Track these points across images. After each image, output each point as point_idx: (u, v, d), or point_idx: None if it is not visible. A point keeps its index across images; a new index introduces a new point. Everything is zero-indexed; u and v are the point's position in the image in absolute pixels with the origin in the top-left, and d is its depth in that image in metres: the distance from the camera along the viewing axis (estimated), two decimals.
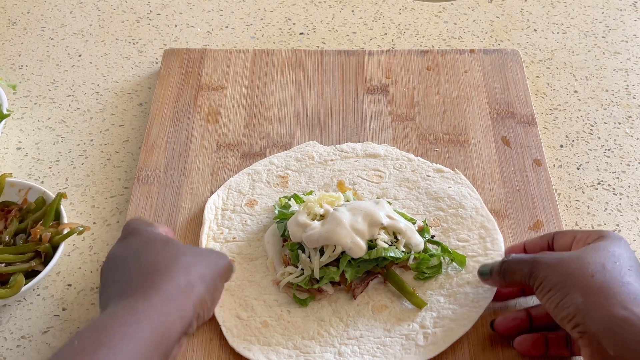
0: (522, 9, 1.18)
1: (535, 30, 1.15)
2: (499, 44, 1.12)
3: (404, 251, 0.80)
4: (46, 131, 1.01)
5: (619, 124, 1.01)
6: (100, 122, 1.02)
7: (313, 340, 0.77)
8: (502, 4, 1.19)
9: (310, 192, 0.88)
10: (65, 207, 0.89)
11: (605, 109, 1.03)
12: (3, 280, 0.80)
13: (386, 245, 0.79)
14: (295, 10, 1.18)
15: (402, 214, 0.84)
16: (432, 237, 0.84)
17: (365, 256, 0.78)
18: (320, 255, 0.79)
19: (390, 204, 0.84)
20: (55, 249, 0.83)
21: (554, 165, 0.96)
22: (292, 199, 0.87)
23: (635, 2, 1.19)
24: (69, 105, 1.05)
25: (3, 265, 0.80)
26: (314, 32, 1.14)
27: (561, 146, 0.99)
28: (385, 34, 1.14)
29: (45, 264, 0.82)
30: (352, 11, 1.18)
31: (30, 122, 1.02)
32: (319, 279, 0.79)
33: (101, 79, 1.08)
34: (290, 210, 0.85)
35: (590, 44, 1.12)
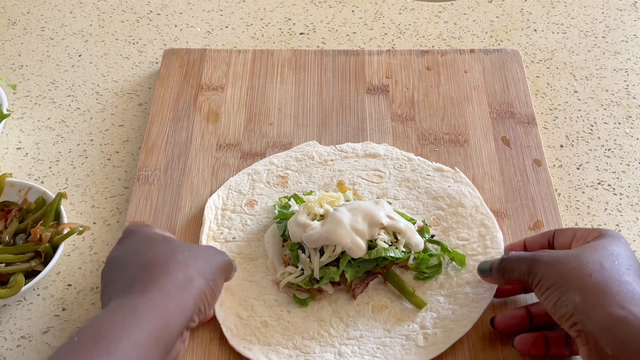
0: (522, 9, 1.18)
1: (535, 30, 1.14)
2: (499, 44, 1.12)
3: (404, 251, 0.80)
4: (46, 131, 1.01)
5: (619, 124, 1.01)
6: (100, 122, 1.02)
7: (313, 340, 0.77)
8: (502, 4, 1.19)
9: (310, 192, 0.88)
10: (65, 207, 0.89)
11: (605, 109, 1.03)
12: (3, 280, 0.80)
13: (386, 245, 0.79)
14: (295, 10, 1.18)
15: (402, 214, 0.84)
16: (432, 236, 0.84)
17: (365, 256, 0.78)
18: (320, 255, 0.79)
19: (390, 204, 0.84)
20: (55, 249, 0.83)
21: (554, 165, 0.96)
22: (292, 199, 0.87)
23: (636, 2, 1.19)
24: (69, 105, 1.05)
25: (3, 265, 0.80)
26: (314, 32, 1.14)
27: (561, 146, 0.99)
28: (385, 34, 1.14)
29: (45, 264, 0.82)
30: (352, 11, 1.18)
31: (30, 122, 1.02)
32: (319, 279, 0.79)
33: (101, 79, 1.08)
34: (290, 210, 0.85)
35: (590, 44, 1.12)
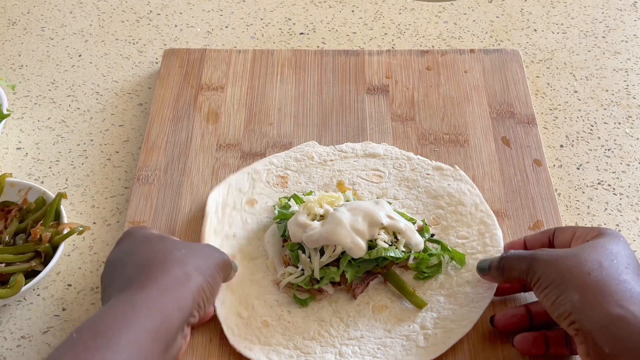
0: (522, 9, 1.18)
1: (535, 30, 1.14)
2: (499, 44, 1.12)
3: (404, 251, 0.80)
4: (46, 131, 1.01)
5: (619, 124, 1.01)
6: (100, 122, 1.02)
7: (314, 341, 0.77)
8: (502, 4, 1.19)
9: (310, 193, 0.88)
10: (65, 207, 0.89)
11: (605, 109, 1.03)
12: (3, 280, 0.80)
13: (386, 245, 0.79)
14: (295, 10, 1.18)
15: (402, 214, 0.84)
16: (432, 235, 0.84)
17: (366, 256, 0.78)
18: (321, 256, 0.79)
19: (390, 203, 0.84)
20: (55, 249, 0.83)
21: (554, 165, 0.96)
22: (291, 199, 0.87)
23: (636, 2, 1.19)
24: (69, 105, 1.05)
25: (3, 265, 0.80)
26: (314, 32, 1.14)
27: (561, 146, 0.99)
28: (385, 34, 1.14)
29: (45, 264, 0.82)
30: (352, 11, 1.18)
31: (30, 122, 1.02)
32: (319, 279, 0.79)
33: (101, 79, 1.08)
34: (290, 210, 0.85)
35: (590, 44, 1.12)
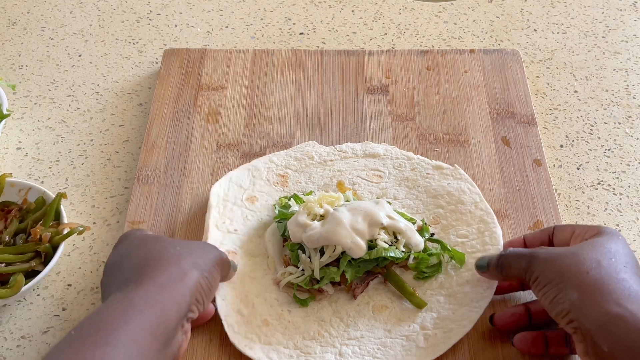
0: (522, 9, 1.18)
1: (535, 30, 1.14)
2: (499, 44, 1.12)
3: (404, 251, 0.80)
4: (46, 131, 1.01)
5: (619, 124, 1.01)
6: (100, 122, 1.02)
7: (314, 341, 0.77)
8: (502, 4, 1.19)
9: (310, 192, 0.88)
10: (65, 207, 0.89)
11: (605, 109, 1.03)
12: (3, 280, 0.80)
13: (386, 245, 0.79)
14: (295, 10, 1.18)
15: (402, 214, 0.84)
16: (432, 235, 0.84)
17: (366, 256, 0.78)
18: (321, 256, 0.79)
19: (390, 203, 0.84)
20: (55, 249, 0.83)
21: (554, 165, 0.96)
22: (292, 199, 0.87)
23: (636, 2, 1.19)
24: (69, 105, 1.05)
25: (3, 265, 0.80)
26: (314, 32, 1.14)
27: (561, 146, 0.99)
28: (385, 34, 1.14)
29: (45, 264, 0.82)
30: (352, 11, 1.18)
31: (30, 122, 1.02)
32: (319, 279, 0.79)
33: (101, 79, 1.08)
34: (290, 210, 0.85)
35: (590, 44, 1.12)
